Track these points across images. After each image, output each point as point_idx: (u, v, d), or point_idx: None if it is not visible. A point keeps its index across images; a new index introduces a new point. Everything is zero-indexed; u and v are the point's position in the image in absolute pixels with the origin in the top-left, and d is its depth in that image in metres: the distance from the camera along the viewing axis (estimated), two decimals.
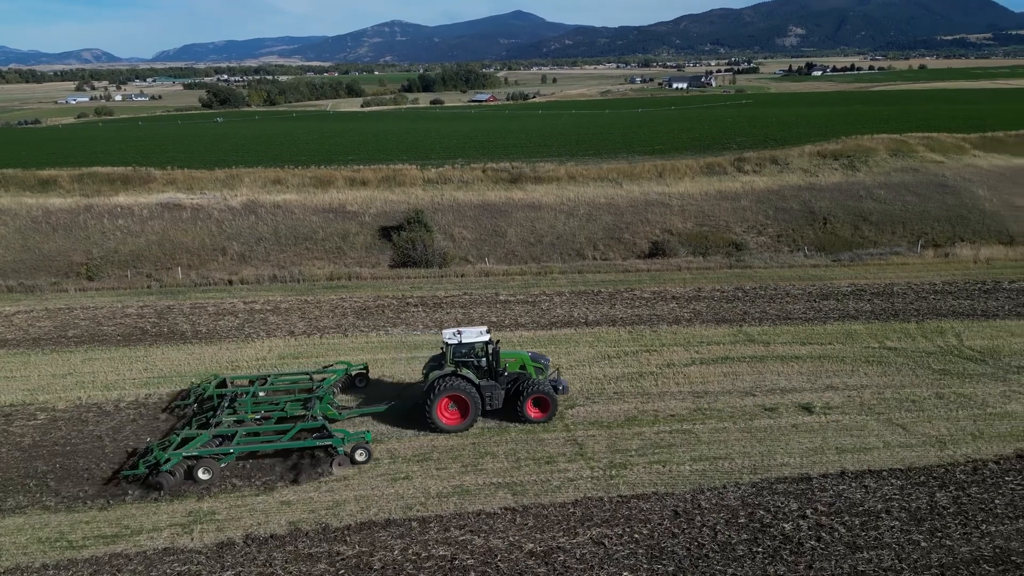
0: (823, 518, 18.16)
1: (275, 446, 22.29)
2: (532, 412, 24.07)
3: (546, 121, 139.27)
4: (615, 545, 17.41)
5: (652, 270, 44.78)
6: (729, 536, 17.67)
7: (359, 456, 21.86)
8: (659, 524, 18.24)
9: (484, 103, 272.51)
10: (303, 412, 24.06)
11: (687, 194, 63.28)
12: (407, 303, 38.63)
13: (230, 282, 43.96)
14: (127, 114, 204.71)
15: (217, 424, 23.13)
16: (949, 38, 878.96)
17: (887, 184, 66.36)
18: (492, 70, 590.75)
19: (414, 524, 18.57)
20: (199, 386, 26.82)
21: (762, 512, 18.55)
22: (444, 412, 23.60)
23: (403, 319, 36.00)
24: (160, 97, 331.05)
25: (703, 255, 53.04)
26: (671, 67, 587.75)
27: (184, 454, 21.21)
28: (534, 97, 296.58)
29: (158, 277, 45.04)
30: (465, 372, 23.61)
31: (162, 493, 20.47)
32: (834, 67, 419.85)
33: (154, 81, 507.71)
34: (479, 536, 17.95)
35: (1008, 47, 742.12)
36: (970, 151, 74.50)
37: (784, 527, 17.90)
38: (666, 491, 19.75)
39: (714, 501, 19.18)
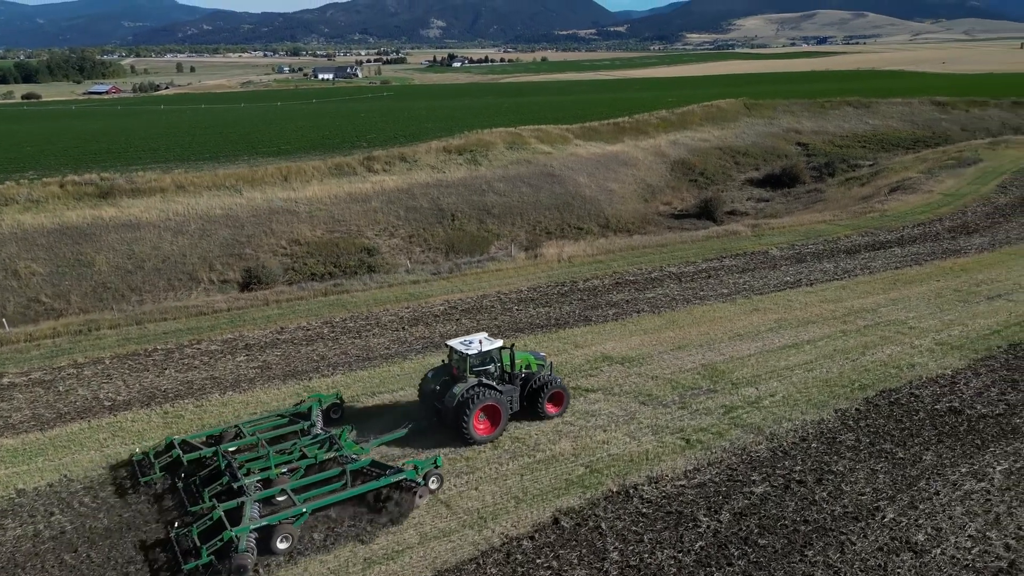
0: None
1: (348, 494, 19.84)
2: (551, 409, 24.52)
3: (165, 118, 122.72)
4: None
5: (234, 309, 37.90)
6: None
7: (432, 484, 20.45)
8: None
9: (102, 96, 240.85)
10: (335, 454, 21.64)
11: (316, 199, 58.31)
12: None
13: None
14: None
15: (241, 489, 19.73)
16: (564, 33, 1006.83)
17: (505, 177, 68.40)
18: (116, 57, 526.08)
19: None
20: (159, 454, 22.36)
21: None
22: (477, 424, 23.04)
23: None
24: None
25: (331, 274, 48.38)
26: (321, 56, 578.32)
27: (251, 527, 17.99)
28: (166, 88, 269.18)
29: None
30: (489, 381, 23.27)
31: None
32: (471, 59, 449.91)
33: None
34: None
35: (609, 41, 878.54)
36: (573, 141, 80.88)
37: None
38: None
39: None
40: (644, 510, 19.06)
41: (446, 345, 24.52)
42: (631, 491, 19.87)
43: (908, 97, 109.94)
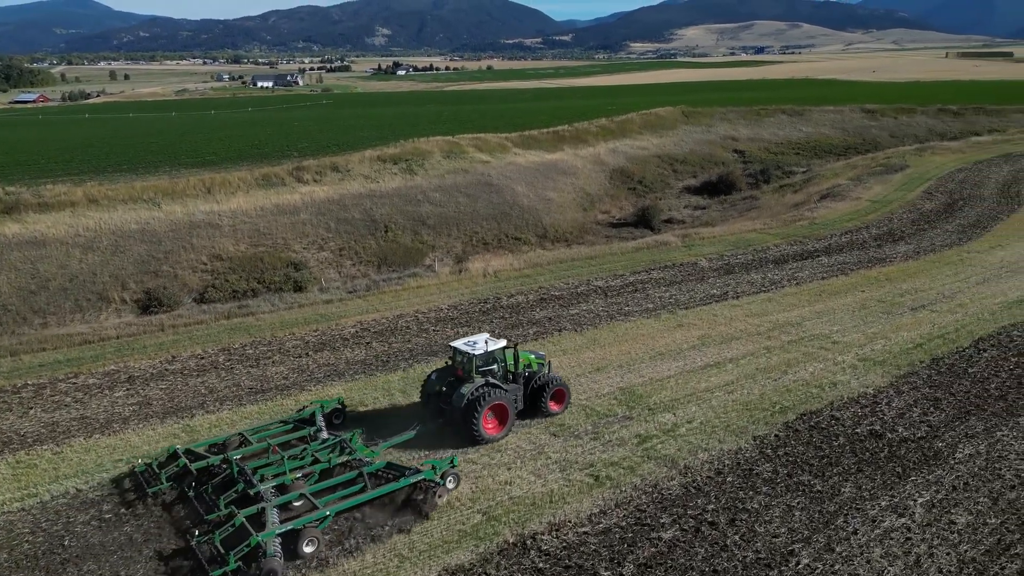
0: None
1: (370, 495, 19.89)
2: (554, 406, 24.80)
3: (87, 128, 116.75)
4: None
5: (124, 336, 34.85)
6: None
7: (449, 483, 20.60)
8: None
9: (28, 105, 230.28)
10: (348, 458, 21.71)
11: (240, 211, 55.27)
12: None
13: None
14: None
15: (258, 495, 19.50)
16: (510, 42, 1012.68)
17: (442, 187, 66.37)
18: (46, 65, 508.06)
19: None
20: (167, 463, 21.78)
21: None
22: (486, 423, 23.11)
23: None
24: None
25: (254, 291, 45.50)
26: (263, 64, 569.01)
27: (277, 531, 17.73)
28: (96, 96, 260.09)
29: None
30: (495, 381, 23.38)
31: None
32: (416, 67, 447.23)
33: None
34: None
35: (555, 50, 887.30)
36: (511, 149, 79.37)
37: None
38: None
39: None
40: (540, 565, 17.20)
41: (450, 346, 24.68)
42: (528, 542, 17.99)
43: (840, 105, 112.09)
